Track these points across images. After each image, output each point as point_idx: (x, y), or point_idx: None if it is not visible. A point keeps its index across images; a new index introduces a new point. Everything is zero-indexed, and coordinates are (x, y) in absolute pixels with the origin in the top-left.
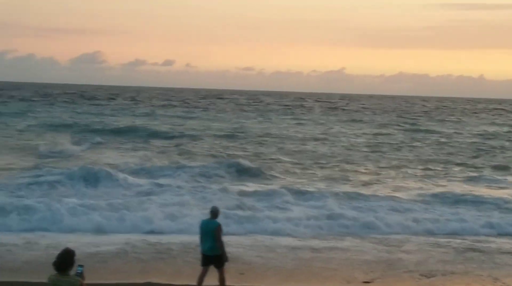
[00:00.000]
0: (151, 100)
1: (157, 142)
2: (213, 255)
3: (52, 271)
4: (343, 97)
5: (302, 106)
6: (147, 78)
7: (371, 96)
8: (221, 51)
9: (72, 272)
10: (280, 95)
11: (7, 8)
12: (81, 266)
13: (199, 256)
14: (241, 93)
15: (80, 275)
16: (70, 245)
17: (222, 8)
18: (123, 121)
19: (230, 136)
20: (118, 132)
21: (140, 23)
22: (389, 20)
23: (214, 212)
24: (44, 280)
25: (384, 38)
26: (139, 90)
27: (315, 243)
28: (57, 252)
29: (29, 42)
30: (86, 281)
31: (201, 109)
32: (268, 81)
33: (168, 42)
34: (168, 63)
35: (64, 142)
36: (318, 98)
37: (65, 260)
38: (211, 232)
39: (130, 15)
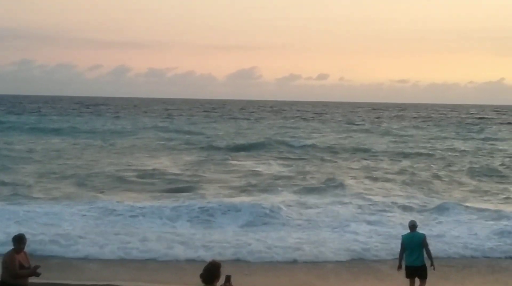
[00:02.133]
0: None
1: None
2: (420, 265)
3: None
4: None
5: None
6: (301, 92)
7: None
8: (375, 63)
9: (219, 283)
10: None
11: (169, 28)
12: (228, 275)
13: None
14: (398, 105)
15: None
16: None
17: (375, 21)
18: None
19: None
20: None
21: (295, 38)
22: None
23: (415, 225)
24: None
25: None
26: (293, 104)
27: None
28: None
29: (189, 59)
30: None
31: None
32: (422, 93)
33: (322, 56)
34: (322, 77)
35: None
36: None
37: (211, 272)
38: (418, 244)
39: (285, 31)
